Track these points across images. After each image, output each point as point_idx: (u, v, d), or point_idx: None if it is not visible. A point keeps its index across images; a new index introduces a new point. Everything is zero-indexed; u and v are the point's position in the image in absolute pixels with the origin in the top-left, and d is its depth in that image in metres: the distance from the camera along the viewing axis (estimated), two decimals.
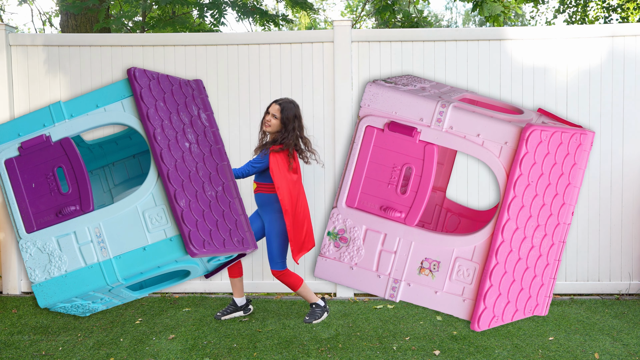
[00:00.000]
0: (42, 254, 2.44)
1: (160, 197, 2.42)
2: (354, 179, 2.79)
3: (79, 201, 2.43)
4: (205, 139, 2.76)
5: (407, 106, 2.72)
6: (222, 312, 3.63)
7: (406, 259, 2.74)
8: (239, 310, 3.65)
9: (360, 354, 3.03)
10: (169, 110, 2.58)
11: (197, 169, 2.59)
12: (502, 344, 3.14)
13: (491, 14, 6.14)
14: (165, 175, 2.40)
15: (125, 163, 3.26)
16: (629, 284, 4.15)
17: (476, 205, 4.10)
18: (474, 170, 4.15)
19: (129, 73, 2.50)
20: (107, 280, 2.43)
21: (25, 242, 2.46)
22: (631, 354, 3.02)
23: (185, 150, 2.58)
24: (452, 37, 4.16)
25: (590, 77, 4.12)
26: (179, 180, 2.46)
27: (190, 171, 2.55)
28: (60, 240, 2.46)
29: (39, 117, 2.53)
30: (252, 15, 6.89)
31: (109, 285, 2.46)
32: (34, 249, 2.45)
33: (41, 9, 8.68)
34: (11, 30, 4.31)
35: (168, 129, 2.52)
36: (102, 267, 2.44)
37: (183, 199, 2.42)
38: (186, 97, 2.75)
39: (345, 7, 15.15)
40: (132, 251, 2.41)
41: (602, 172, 4.13)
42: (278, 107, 3.37)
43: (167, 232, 2.41)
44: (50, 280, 2.45)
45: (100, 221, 2.43)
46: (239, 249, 2.73)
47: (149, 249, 2.40)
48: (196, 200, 2.50)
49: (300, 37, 4.23)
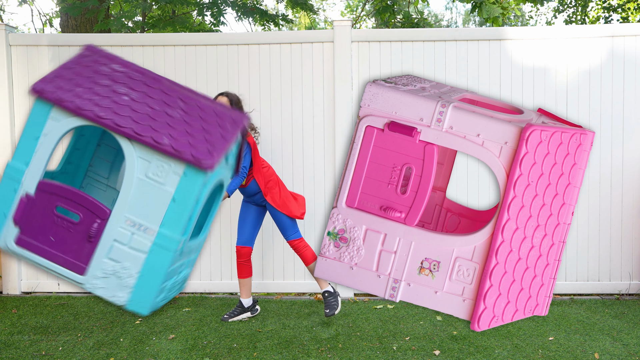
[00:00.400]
0: (109, 278, 2.43)
1: (147, 153, 2.39)
2: (354, 179, 2.79)
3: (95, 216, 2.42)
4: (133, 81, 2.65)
5: (407, 106, 2.72)
6: (229, 314, 3.62)
7: (406, 259, 2.74)
8: (246, 311, 3.64)
9: (360, 354, 3.03)
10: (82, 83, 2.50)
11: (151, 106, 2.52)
12: (502, 344, 3.14)
13: (490, 15, 6.14)
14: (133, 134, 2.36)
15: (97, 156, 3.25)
16: (629, 284, 4.15)
17: (476, 205, 4.10)
18: (474, 170, 4.15)
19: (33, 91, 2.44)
20: (170, 250, 2.42)
21: (88, 280, 2.44)
22: (631, 354, 3.02)
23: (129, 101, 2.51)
24: (452, 37, 4.16)
25: (590, 77, 4.12)
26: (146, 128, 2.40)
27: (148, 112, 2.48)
28: (111, 255, 2.45)
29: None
30: (252, 15, 6.89)
31: (177, 251, 2.44)
32: (100, 281, 2.44)
33: (41, 10, 8.67)
34: (11, 30, 4.32)
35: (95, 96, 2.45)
36: (158, 243, 2.43)
37: (163, 136, 2.37)
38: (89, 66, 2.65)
39: (345, 7, 15.15)
40: (167, 211, 2.39)
41: (602, 172, 4.13)
42: (226, 99, 3.52)
43: (177, 171, 2.39)
44: (133, 292, 2.44)
45: (123, 213, 2.43)
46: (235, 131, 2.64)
47: (177, 196, 2.38)
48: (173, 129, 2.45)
49: (300, 37, 4.23)
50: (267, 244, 4.25)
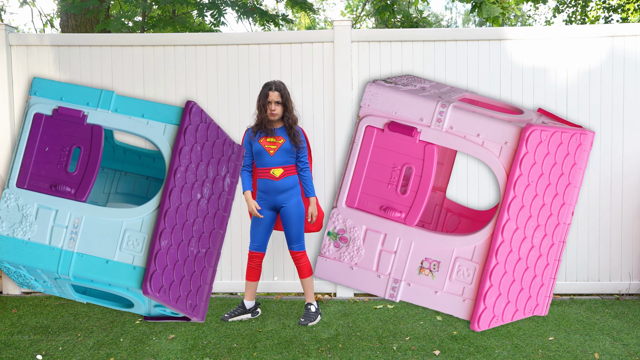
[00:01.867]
0: (18, 212, 2.45)
1: (148, 227, 2.45)
2: (354, 179, 2.79)
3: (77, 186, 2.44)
4: (217, 201, 2.79)
5: (407, 106, 2.72)
6: (229, 314, 3.62)
7: (406, 259, 2.74)
8: (247, 312, 3.64)
9: (360, 354, 3.03)
10: (202, 158, 2.61)
11: (194, 222, 2.63)
12: (502, 344, 3.14)
13: (490, 15, 6.14)
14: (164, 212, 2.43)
15: (136, 178, 3.28)
16: (629, 284, 4.15)
17: (476, 205, 4.10)
18: (474, 170, 4.15)
19: (187, 105, 2.54)
20: (59, 268, 2.46)
21: (9, 193, 2.46)
22: (631, 354, 3.02)
23: (194, 200, 2.62)
24: (452, 37, 4.16)
25: (590, 77, 4.13)
26: (173, 222, 2.50)
27: (187, 220, 2.58)
28: (41, 210, 2.47)
29: (87, 94, 2.55)
30: (252, 15, 6.89)
31: (57, 274, 2.48)
32: (13, 204, 2.46)
33: (42, 10, 8.68)
34: (11, 30, 4.32)
35: (190, 173, 2.55)
36: (62, 255, 2.46)
37: (166, 240, 2.45)
38: (222, 155, 2.79)
39: (345, 7, 15.14)
40: (95, 257, 2.44)
41: (602, 172, 4.13)
42: (278, 93, 3.45)
43: (135, 259, 2.45)
44: (10, 239, 2.47)
45: (85, 215, 2.45)
46: (188, 312, 2.79)
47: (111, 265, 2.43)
48: (177, 249, 2.54)
49: (300, 37, 4.23)
50: (267, 245, 4.24)
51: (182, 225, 2.59)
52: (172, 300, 2.61)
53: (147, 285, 2.43)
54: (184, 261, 2.65)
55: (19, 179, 2.53)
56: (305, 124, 4.18)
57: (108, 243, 2.48)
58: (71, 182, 2.53)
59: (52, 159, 2.53)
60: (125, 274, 2.49)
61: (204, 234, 2.76)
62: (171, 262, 2.55)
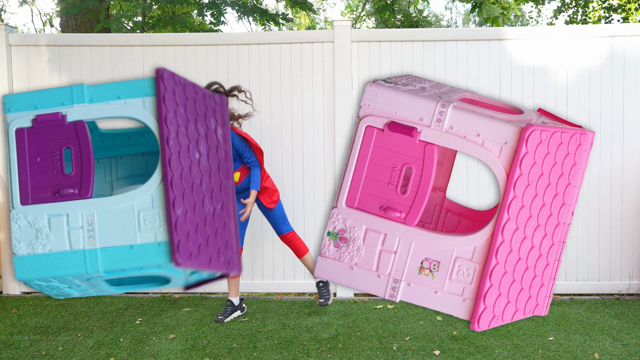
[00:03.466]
0: (31, 229, 2.43)
1: (159, 201, 2.41)
2: (354, 179, 2.79)
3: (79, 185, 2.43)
4: (216, 154, 2.77)
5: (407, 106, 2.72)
6: (222, 315, 3.62)
7: (406, 259, 2.74)
8: (237, 309, 3.67)
9: (360, 354, 3.03)
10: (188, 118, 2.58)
11: (201, 181, 2.60)
12: (502, 344, 3.14)
13: (490, 15, 6.14)
14: (169, 181, 2.40)
15: (132, 159, 3.26)
16: (629, 284, 4.15)
17: (476, 205, 4.10)
18: (474, 170, 4.15)
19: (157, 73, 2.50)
20: (88, 269, 2.43)
21: (17, 213, 2.44)
22: (631, 354, 3.02)
23: (194, 161, 2.59)
24: (452, 37, 4.16)
25: (590, 77, 4.12)
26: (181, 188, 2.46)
27: (194, 182, 2.55)
28: (52, 219, 2.45)
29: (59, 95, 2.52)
30: (252, 15, 6.89)
31: (88, 274, 2.45)
32: (24, 222, 2.44)
33: (41, 10, 8.67)
34: (11, 30, 4.31)
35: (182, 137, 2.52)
36: (86, 255, 2.44)
37: (180, 207, 2.42)
38: (207, 109, 2.76)
39: (345, 7, 15.14)
40: (119, 246, 2.41)
41: (602, 172, 4.13)
42: None
43: (157, 236, 2.41)
44: (32, 256, 2.44)
45: (95, 210, 2.43)
46: (223, 268, 2.74)
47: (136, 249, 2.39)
48: (193, 212, 2.51)
49: (300, 37, 4.23)
50: (267, 245, 4.25)
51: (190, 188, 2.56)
52: (205, 262, 2.56)
53: (176, 256, 2.38)
54: (204, 221, 2.61)
55: (22, 196, 2.51)
56: (306, 124, 4.18)
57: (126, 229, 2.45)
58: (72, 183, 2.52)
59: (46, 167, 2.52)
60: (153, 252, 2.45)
61: (214, 189, 2.73)
62: (192, 226, 2.51)
